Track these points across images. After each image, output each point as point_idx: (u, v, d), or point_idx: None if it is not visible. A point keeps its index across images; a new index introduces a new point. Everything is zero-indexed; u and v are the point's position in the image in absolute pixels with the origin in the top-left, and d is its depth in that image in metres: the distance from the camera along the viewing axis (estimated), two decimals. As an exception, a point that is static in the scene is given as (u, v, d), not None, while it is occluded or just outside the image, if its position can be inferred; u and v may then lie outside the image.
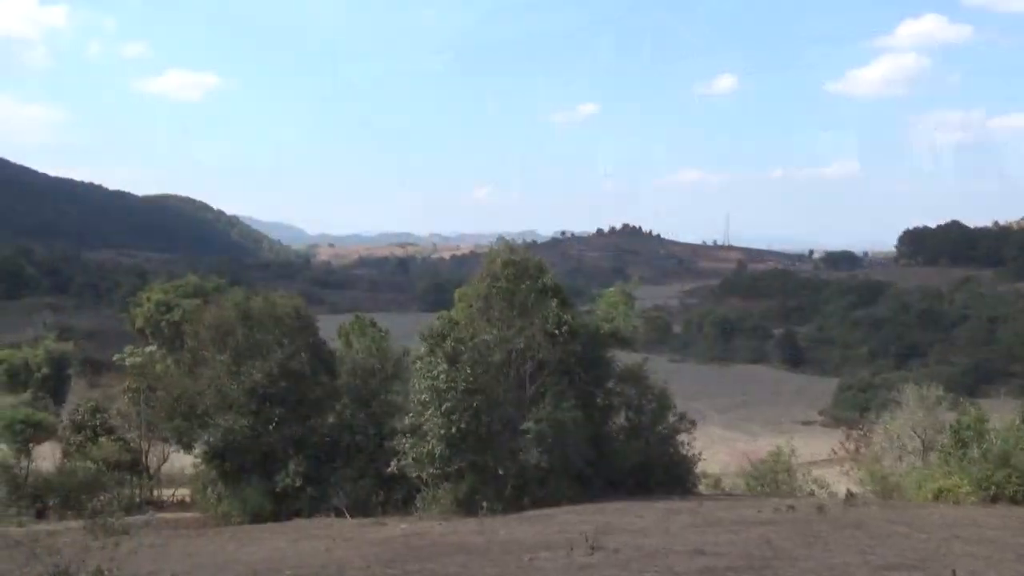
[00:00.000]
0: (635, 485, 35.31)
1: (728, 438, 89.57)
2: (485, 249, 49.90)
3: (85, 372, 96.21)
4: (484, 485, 32.12)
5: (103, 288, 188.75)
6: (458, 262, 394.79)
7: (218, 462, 37.89)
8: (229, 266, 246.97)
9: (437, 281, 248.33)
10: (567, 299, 37.01)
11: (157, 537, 27.79)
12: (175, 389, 39.08)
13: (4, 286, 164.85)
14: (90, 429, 46.85)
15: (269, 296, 41.36)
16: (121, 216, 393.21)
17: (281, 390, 37.05)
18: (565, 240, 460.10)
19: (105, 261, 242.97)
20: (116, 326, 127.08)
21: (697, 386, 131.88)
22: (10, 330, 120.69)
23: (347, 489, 35.61)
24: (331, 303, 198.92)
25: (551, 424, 32.12)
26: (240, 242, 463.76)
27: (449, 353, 32.47)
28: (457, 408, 31.58)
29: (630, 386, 37.73)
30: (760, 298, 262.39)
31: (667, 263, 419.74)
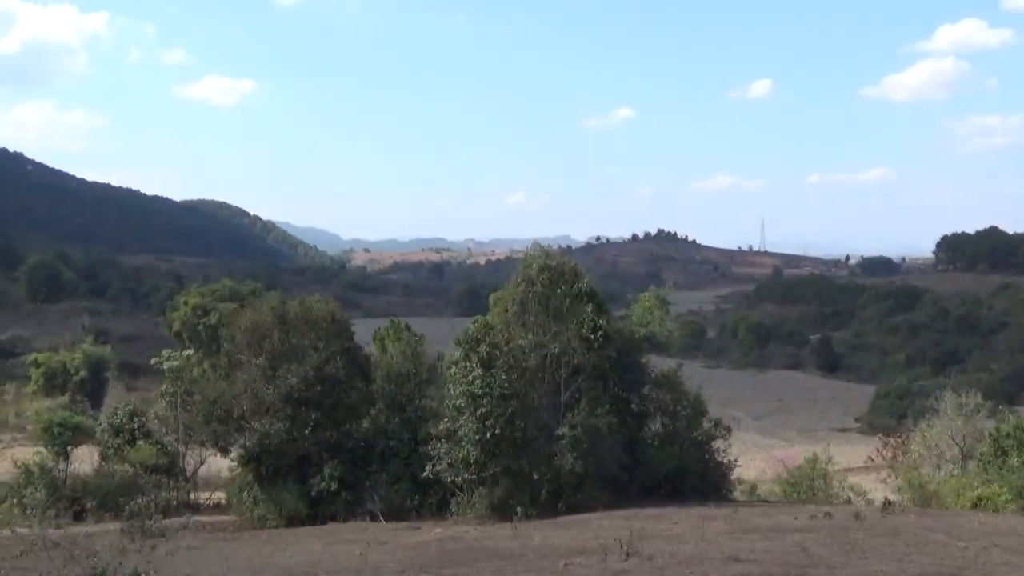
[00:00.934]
0: (670, 491, 35.18)
1: (763, 444, 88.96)
2: (520, 254, 49.84)
3: (122, 376, 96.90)
4: (519, 490, 32.13)
5: (140, 293, 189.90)
6: (493, 267, 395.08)
7: (254, 466, 38.05)
8: (265, 271, 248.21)
9: (472, 286, 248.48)
10: (602, 304, 36.97)
11: (194, 540, 27.95)
12: (211, 393, 39.24)
13: (43, 290, 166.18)
14: (128, 432, 47.08)
15: (305, 300, 41.46)
16: (158, 221, 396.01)
17: (316, 394, 37.15)
18: (600, 245, 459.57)
19: (142, 266, 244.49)
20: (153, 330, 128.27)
21: (732, 392, 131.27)
22: (49, 334, 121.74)
23: (382, 493, 35.68)
24: (366, 308, 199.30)
25: (586, 429, 32.08)
26: (276, 247, 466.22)
27: (484, 358, 32.50)
28: (492, 413, 31.61)
29: (665, 391, 37.59)
30: (796, 304, 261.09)
31: (702, 268, 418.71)
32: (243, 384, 37.94)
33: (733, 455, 39.19)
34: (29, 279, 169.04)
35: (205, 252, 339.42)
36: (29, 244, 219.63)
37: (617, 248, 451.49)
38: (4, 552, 19.87)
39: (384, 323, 47.87)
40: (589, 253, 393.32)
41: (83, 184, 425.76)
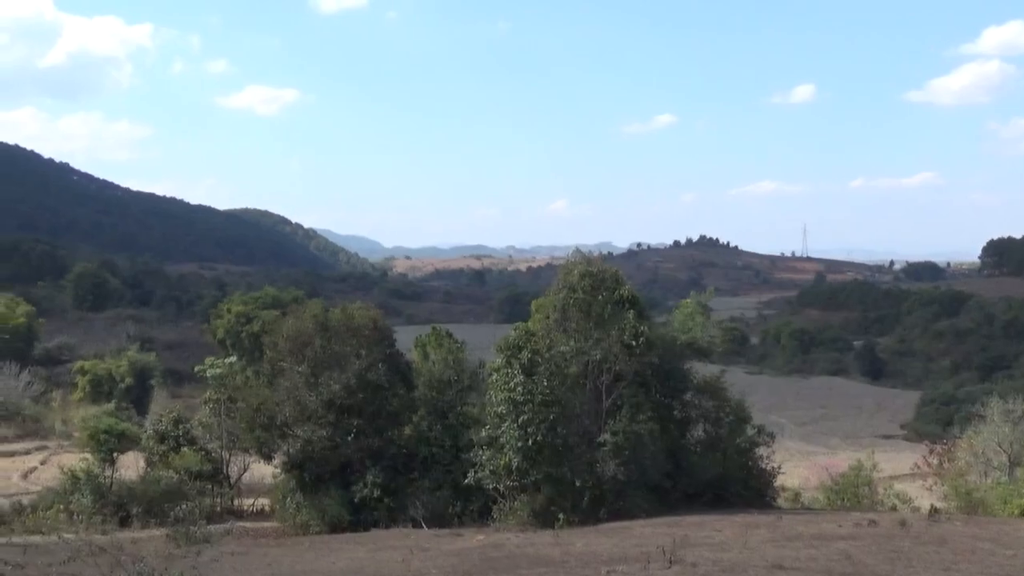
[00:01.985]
0: (713, 498, 35.03)
1: (807, 451, 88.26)
2: (561, 261, 49.87)
3: (167, 383, 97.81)
4: (560, 497, 32.10)
5: (184, 301, 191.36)
6: (534, 274, 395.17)
7: (297, 472, 38.26)
8: (307, 278, 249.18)
9: (513, 293, 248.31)
10: (644, 310, 36.87)
11: (238, 546, 28.12)
12: (255, 400, 39.49)
13: (89, 298, 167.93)
14: (172, 439, 47.45)
15: (347, 308, 41.63)
16: (202, 230, 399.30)
17: (359, 401, 37.30)
18: (641, 252, 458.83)
19: (187, 274, 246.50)
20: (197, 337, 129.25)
21: (775, 398, 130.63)
22: (95, 342, 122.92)
23: (424, 500, 35.76)
24: (407, 315, 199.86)
25: (628, 436, 32.00)
26: (318, 255, 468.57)
27: (526, 365, 32.48)
28: (533, 420, 31.59)
29: (707, 398, 37.43)
30: (839, 309, 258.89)
31: (744, 274, 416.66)
32: (286, 391, 38.16)
33: (776, 462, 38.96)
34: (76, 287, 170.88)
35: (248, 260, 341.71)
36: (76, 253, 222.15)
37: (659, 254, 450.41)
38: (52, 558, 20.06)
39: (425, 330, 48.04)
40: (630, 260, 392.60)
41: (128, 194, 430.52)
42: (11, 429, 75.75)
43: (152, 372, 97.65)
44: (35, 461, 65.48)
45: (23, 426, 77.23)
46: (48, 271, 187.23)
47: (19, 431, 76.13)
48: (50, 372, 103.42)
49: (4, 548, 26.25)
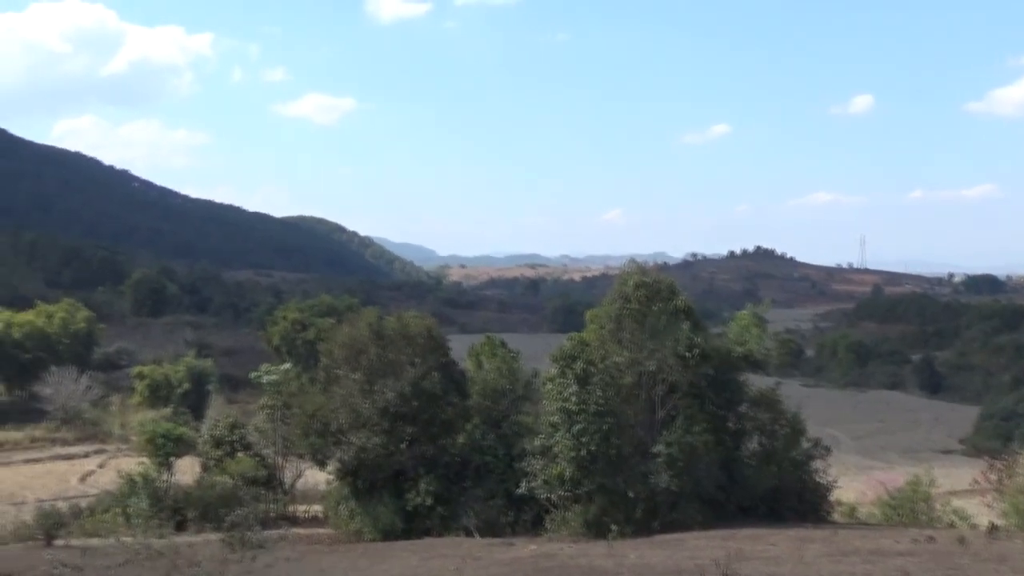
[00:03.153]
0: (767, 511, 34.70)
1: (864, 466, 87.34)
2: (615, 271, 49.68)
3: (223, 388, 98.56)
4: (614, 508, 31.97)
5: (241, 307, 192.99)
6: (588, 284, 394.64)
7: (351, 479, 38.43)
8: (362, 286, 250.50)
9: (567, 302, 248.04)
10: (699, 321, 36.63)
11: (292, 552, 28.32)
12: (310, 407, 39.73)
13: (148, 304, 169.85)
14: (228, 444, 47.91)
15: (401, 316, 41.81)
16: (259, 237, 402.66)
17: (413, 409, 37.41)
18: (696, 262, 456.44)
19: (243, 281, 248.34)
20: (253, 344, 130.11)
21: (831, 411, 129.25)
22: (153, 347, 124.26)
23: (477, 509, 35.77)
24: (461, 323, 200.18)
25: (682, 448, 31.83)
26: (373, 263, 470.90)
27: (580, 375, 32.41)
28: (587, 430, 31.51)
29: (762, 410, 37.06)
30: (897, 322, 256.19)
31: (800, 286, 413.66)
32: (340, 398, 38.35)
33: (832, 476, 38.46)
34: (134, 293, 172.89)
35: (304, 267, 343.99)
36: (135, 259, 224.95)
37: (714, 265, 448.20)
38: (109, 560, 20.33)
39: (479, 339, 48.04)
40: (685, 270, 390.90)
41: (187, 200, 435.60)
42: (70, 433, 76.84)
43: (209, 378, 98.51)
44: (93, 464, 66.43)
45: (82, 430, 78.35)
46: (108, 277, 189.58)
47: (78, 435, 77.26)
48: (109, 377, 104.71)
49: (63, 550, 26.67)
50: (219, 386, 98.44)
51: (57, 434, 76.41)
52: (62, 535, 34.37)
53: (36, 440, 74.57)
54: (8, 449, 71.65)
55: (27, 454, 70.59)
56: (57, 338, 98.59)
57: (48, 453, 71.31)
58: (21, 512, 43.31)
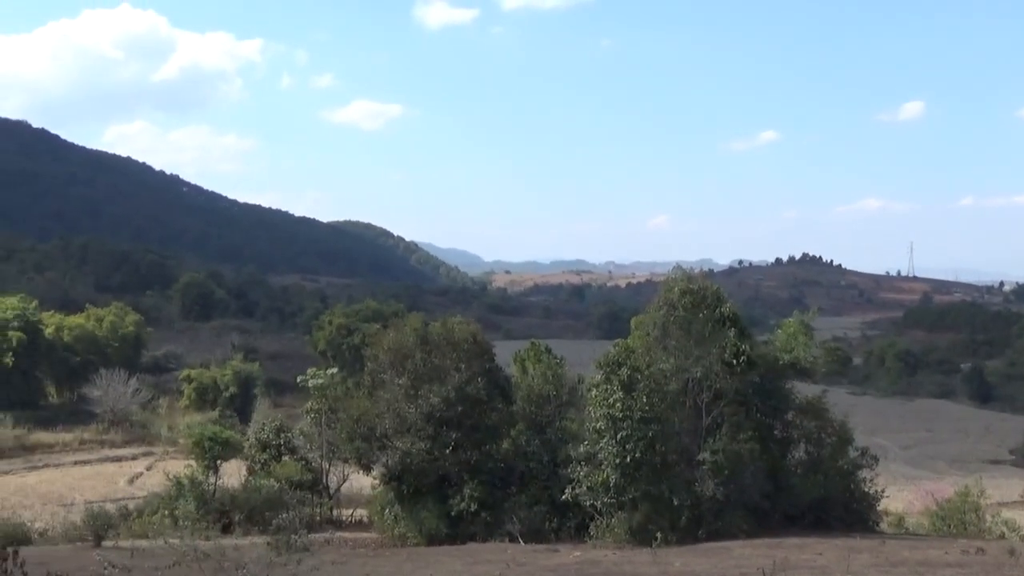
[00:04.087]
0: (813, 521, 34.42)
1: (912, 476, 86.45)
2: (661, 277, 49.60)
3: (269, 392, 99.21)
4: (658, 515, 31.84)
5: (287, 312, 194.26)
6: (634, 290, 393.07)
7: (395, 484, 38.54)
8: (407, 292, 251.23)
9: (612, 309, 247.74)
10: (745, 329, 36.44)
11: (337, 555, 28.45)
12: (355, 411, 39.88)
13: (195, 308, 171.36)
14: (274, 448, 48.21)
15: (447, 321, 41.89)
16: (306, 242, 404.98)
17: (457, 415, 37.46)
18: (742, 269, 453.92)
19: (290, 285, 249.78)
20: (299, 348, 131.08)
21: (878, 421, 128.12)
22: (200, 351, 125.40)
23: (521, 515, 35.73)
24: (506, 329, 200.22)
25: (727, 455, 31.66)
26: (418, 268, 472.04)
27: (625, 381, 32.32)
28: (632, 437, 31.41)
29: (809, 418, 36.80)
30: (946, 331, 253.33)
31: (847, 294, 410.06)
32: (386, 403, 38.48)
33: (880, 485, 38.11)
34: (183, 297, 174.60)
35: (350, 272, 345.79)
36: (183, 263, 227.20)
37: (760, 272, 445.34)
38: (157, 562, 20.50)
39: (524, 345, 48.04)
40: (731, 277, 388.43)
41: (235, 205, 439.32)
42: (119, 435, 77.62)
43: (255, 381, 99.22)
44: (141, 467, 67.03)
45: (130, 432, 79.11)
46: (157, 281, 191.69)
47: (126, 437, 78.01)
48: (157, 380, 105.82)
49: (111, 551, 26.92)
50: (265, 390, 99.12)
51: (106, 436, 77.17)
52: (110, 536, 34.70)
53: (85, 442, 75.34)
54: (58, 451, 72.48)
55: (76, 456, 71.35)
56: (106, 341, 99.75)
57: (97, 455, 72.03)
58: (70, 513, 43.80)
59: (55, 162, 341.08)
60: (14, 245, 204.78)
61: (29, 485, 59.98)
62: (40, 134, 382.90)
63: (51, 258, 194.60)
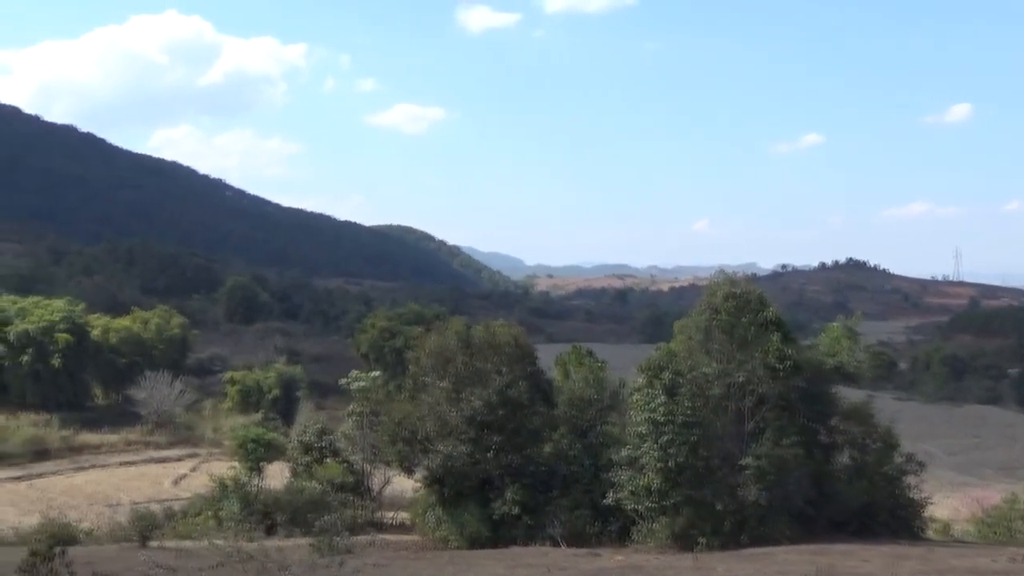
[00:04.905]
0: (859, 527, 34.15)
1: (958, 482, 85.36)
2: (704, 282, 49.28)
3: (312, 395, 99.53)
4: (701, 520, 31.73)
5: (331, 315, 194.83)
6: (676, 294, 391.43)
7: (437, 487, 38.60)
8: (449, 295, 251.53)
9: (655, 313, 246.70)
10: (789, 333, 36.22)
11: (379, 558, 28.49)
12: (397, 414, 40.01)
13: (240, 311, 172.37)
14: (317, 450, 48.40)
15: (489, 325, 41.91)
16: (349, 245, 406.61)
17: (499, 418, 37.47)
18: (786, 273, 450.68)
19: (333, 289, 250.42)
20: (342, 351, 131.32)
21: (924, 426, 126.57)
22: (244, 353, 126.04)
23: (563, 519, 35.71)
24: (548, 333, 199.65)
25: (771, 460, 31.49)
26: (461, 272, 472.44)
27: (667, 385, 32.24)
28: (675, 441, 31.31)
29: (854, 424, 36.52)
30: (993, 336, 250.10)
31: (893, 298, 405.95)
32: (428, 406, 38.57)
33: (926, 492, 37.75)
34: (227, 300, 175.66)
35: (393, 276, 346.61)
36: (228, 267, 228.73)
37: (804, 276, 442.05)
38: (202, 562, 20.63)
39: (566, 348, 47.98)
40: (775, 281, 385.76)
41: (279, 209, 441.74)
42: (164, 436, 78.19)
43: (298, 384, 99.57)
44: (186, 468, 67.48)
45: (175, 434, 79.63)
46: (202, 284, 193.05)
47: (171, 438, 78.52)
48: (202, 382, 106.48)
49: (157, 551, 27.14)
50: (308, 392, 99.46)
51: (151, 438, 77.71)
52: (156, 537, 35.02)
53: (131, 443, 75.92)
54: (104, 452, 73.07)
55: (122, 457, 71.92)
56: (152, 343, 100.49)
57: (142, 456, 72.58)
58: (116, 513, 44.23)
59: (102, 166, 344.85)
60: (62, 248, 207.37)
61: (76, 485, 60.57)
62: (88, 138, 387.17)
63: (98, 261, 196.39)
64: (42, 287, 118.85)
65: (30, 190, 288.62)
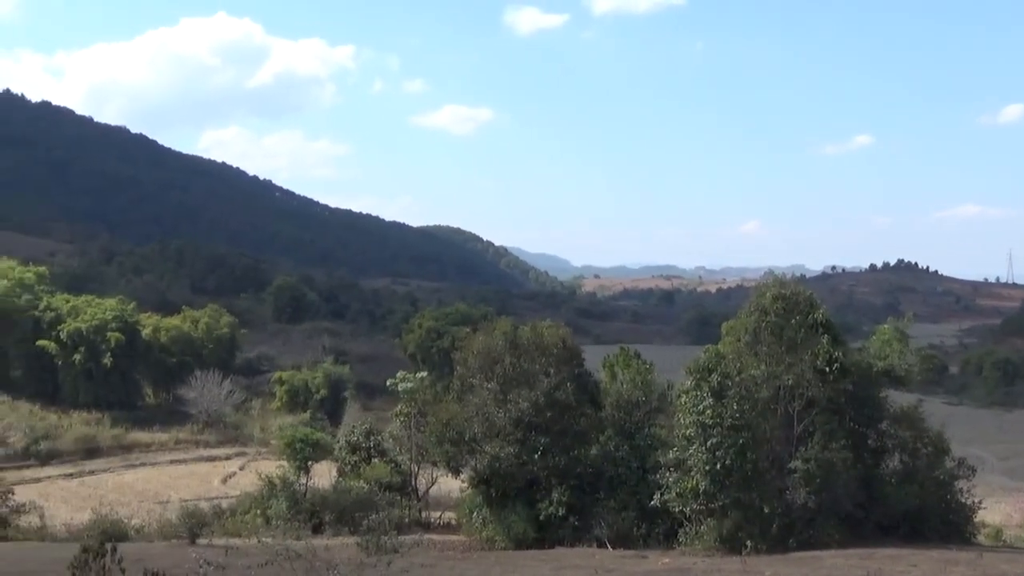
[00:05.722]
0: (908, 531, 33.84)
1: (1010, 487, 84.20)
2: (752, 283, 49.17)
3: (359, 395, 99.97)
4: (748, 523, 31.57)
5: (377, 315, 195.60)
6: (724, 295, 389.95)
7: (484, 488, 38.67)
8: (496, 295, 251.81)
9: (702, 314, 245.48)
10: (838, 336, 35.97)
11: (426, 558, 28.59)
12: (444, 415, 40.08)
13: (288, 311, 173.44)
14: (364, 450, 48.63)
15: (536, 326, 41.89)
16: (396, 246, 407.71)
17: (546, 420, 37.46)
18: (835, 275, 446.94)
19: (380, 289, 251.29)
20: (389, 351, 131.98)
21: (975, 431, 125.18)
22: (292, 353, 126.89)
23: (609, 520, 35.64)
24: (595, 334, 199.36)
25: (820, 464, 31.29)
26: (508, 272, 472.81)
27: (715, 388, 32.10)
28: (722, 444, 31.18)
29: (904, 428, 36.18)
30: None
31: (944, 300, 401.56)
32: (475, 407, 38.63)
33: (977, 497, 37.33)
34: (275, 300, 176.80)
35: (440, 276, 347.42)
36: (276, 267, 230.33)
37: (854, 278, 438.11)
38: (250, 560, 20.80)
39: (613, 350, 47.87)
40: (824, 283, 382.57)
41: (327, 210, 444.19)
42: (213, 435, 78.96)
43: (345, 384, 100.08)
44: (234, 467, 68.12)
45: (224, 432, 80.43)
46: (251, 284, 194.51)
47: (220, 437, 79.34)
48: (250, 381, 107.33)
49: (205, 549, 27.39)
50: (355, 393, 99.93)
51: (200, 436, 78.56)
52: (204, 534, 35.35)
53: (180, 442, 76.78)
54: (154, 450, 73.96)
55: (172, 455, 72.77)
56: (202, 343, 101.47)
57: (192, 455, 73.39)
58: (166, 511, 44.70)
59: (153, 167, 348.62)
60: (114, 248, 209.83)
61: (127, 483, 61.35)
62: (138, 140, 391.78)
63: (149, 261, 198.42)
64: (94, 286, 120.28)
65: (82, 191, 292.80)
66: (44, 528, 40.81)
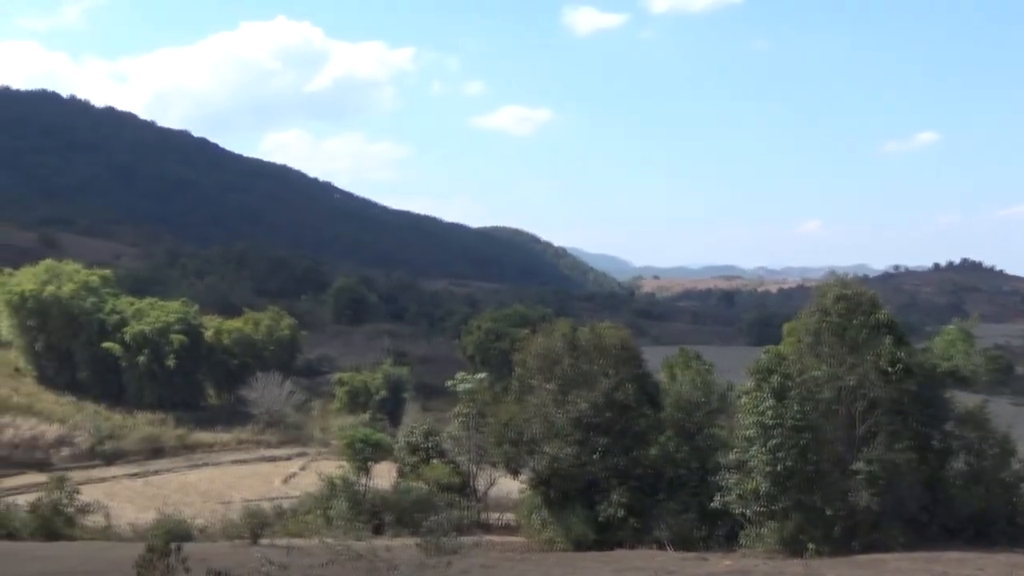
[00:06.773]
0: (974, 534, 33.33)
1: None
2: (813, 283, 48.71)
3: (419, 396, 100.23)
4: (811, 525, 31.30)
5: (437, 316, 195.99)
6: (785, 296, 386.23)
7: (543, 489, 38.67)
8: (555, 297, 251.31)
9: (763, 315, 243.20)
10: (902, 336, 35.52)
11: (486, 559, 28.61)
12: (503, 416, 40.16)
13: (348, 312, 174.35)
14: (423, 451, 48.83)
15: (596, 327, 41.83)
16: (456, 247, 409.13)
17: (606, 420, 37.41)
18: (899, 275, 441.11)
19: (439, 290, 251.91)
20: (447, 352, 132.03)
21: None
22: (352, 354, 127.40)
23: (670, 522, 35.50)
24: (654, 335, 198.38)
25: (883, 465, 30.92)
26: (567, 273, 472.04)
27: (776, 389, 31.86)
28: (784, 445, 30.95)
29: (970, 429, 35.63)
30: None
31: (1010, 300, 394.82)
32: (534, 408, 38.66)
33: (1046, 500, 36.67)
34: (335, 302, 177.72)
35: (499, 278, 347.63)
36: (336, 269, 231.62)
37: (917, 278, 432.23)
38: (312, 560, 20.94)
39: (672, 351, 47.75)
40: (887, 283, 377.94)
41: (386, 211, 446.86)
42: (274, 436, 79.55)
43: (405, 385, 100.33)
44: (295, 467, 68.53)
45: (285, 433, 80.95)
46: (311, 286, 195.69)
47: (281, 438, 79.86)
48: (311, 382, 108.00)
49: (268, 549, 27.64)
50: (414, 394, 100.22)
51: (262, 437, 79.13)
52: (267, 534, 35.68)
53: (242, 442, 77.39)
54: (217, 450, 74.64)
55: (234, 455, 73.36)
56: (263, 344, 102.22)
57: (253, 455, 73.94)
58: (229, 511, 45.14)
59: (215, 170, 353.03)
60: (177, 251, 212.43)
61: (190, 483, 61.97)
62: (201, 143, 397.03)
63: (211, 263, 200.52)
64: (158, 289, 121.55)
65: (145, 194, 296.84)
66: (110, 528, 41.39)
